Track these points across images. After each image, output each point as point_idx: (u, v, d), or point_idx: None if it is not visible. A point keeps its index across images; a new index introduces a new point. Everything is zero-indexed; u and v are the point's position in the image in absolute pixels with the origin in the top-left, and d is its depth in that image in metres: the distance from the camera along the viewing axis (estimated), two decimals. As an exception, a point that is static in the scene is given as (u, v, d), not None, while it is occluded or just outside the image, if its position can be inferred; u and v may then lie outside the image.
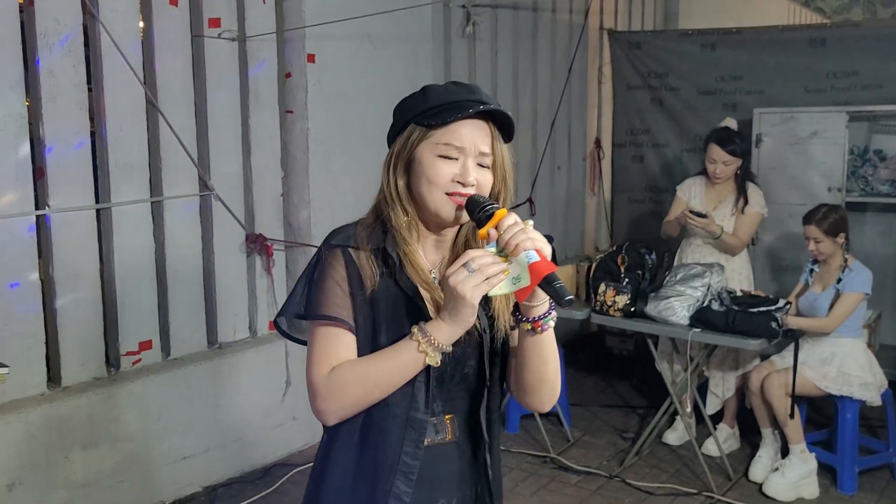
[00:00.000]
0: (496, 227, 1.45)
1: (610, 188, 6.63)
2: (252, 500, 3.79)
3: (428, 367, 1.50)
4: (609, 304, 4.05)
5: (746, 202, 4.38)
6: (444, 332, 1.45)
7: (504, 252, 1.43)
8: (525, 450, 4.36)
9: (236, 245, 4.11)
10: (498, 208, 1.48)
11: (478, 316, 1.55)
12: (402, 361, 1.47)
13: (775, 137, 5.23)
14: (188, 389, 3.81)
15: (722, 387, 4.38)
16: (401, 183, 1.56)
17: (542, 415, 4.45)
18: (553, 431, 4.52)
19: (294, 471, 4.03)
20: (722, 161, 4.33)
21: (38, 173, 3.38)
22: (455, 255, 1.61)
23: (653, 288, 4.07)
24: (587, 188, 6.55)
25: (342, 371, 1.49)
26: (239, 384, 4.01)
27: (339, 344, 1.51)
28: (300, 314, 1.55)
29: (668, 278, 4.05)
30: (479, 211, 1.49)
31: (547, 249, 1.43)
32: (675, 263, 4.51)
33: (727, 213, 4.41)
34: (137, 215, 3.70)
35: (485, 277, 1.40)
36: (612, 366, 5.62)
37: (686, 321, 3.88)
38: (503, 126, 1.58)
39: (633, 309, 4.02)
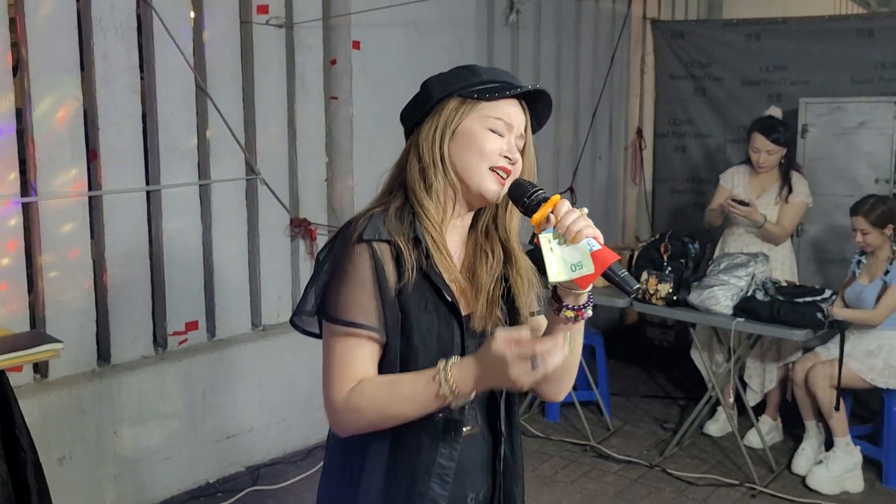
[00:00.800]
0: (553, 212, 1.43)
1: (651, 178, 6.58)
2: (293, 480, 3.85)
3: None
4: (651, 292, 4.03)
5: (790, 191, 4.34)
6: (470, 386, 1.37)
7: (563, 238, 1.41)
8: (565, 438, 4.36)
9: (281, 229, 4.16)
10: (548, 195, 1.47)
11: (500, 308, 1.55)
12: (423, 401, 1.39)
13: (821, 128, 5.16)
14: (232, 370, 3.87)
15: (761, 379, 4.34)
16: (446, 150, 1.50)
17: (582, 403, 4.45)
18: (593, 420, 4.51)
19: (335, 453, 4.08)
20: (766, 150, 4.29)
21: (92, 155, 3.45)
22: (474, 242, 1.57)
23: (696, 277, 4.05)
24: (628, 178, 6.51)
25: (361, 395, 1.41)
26: (281, 366, 4.07)
27: (359, 357, 1.44)
28: (324, 315, 1.47)
29: (711, 267, 4.03)
30: (528, 196, 1.47)
31: (601, 238, 1.42)
32: (717, 253, 4.48)
33: (771, 202, 4.36)
34: (185, 198, 3.76)
35: (543, 374, 1.32)
36: (652, 356, 5.59)
37: (729, 311, 3.85)
38: (539, 117, 1.60)
39: (675, 298, 4.00)
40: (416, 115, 1.55)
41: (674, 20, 6.61)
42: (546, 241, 1.42)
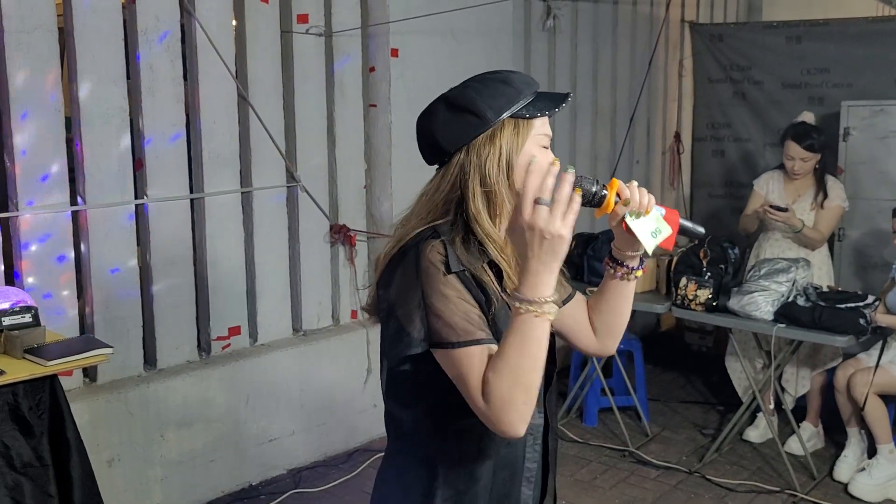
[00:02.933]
0: (619, 196, 1.51)
1: (689, 183, 6.53)
2: (335, 483, 3.89)
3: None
4: (690, 297, 4.01)
5: (826, 196, 4.29)
6: (545, 284, 1.34)
7: (638, 213, 1.52)
8: (603, 443, 4.36)
9: (321, 235, 4.22)
10: (603, 183, 1.53)
11: None
12: (530, 337, 1.34)
13: (864, 131, 5.08)
14: (274, 374, 3.93)
15: (795, 384, 4.30)
16: (516, 178, 1.46)
17: (620, 409, 4.44)
18: (631, 426, 4.50)
19: (375, 456, 4.12)
20: (800, 158, 4.24)
21: (137, 164, 3.54)
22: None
23: (735, 282, 4.02)
24: (666, 183, 6.48)
25: (492, 386, 1.35)
26: (322, 370, 4.12)
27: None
28: (443, 346, 1.40)
29: (751, 273, 4.00)
30: (594, 193, 1.49)
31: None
32: (752, 258, 4.45)
33: (806, 207, 4.32)
34: (228, 205, 3.83)
35: (566, 203, 1.32)
36: (690, 362, 5.55)
37: (770, 316, 3.82)
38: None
39: (715, 303, 3.98)
40: (467, 137, 1.48)
41: (712, 23, 6.55)
42: (631, 221, 1.53)
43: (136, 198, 3.51)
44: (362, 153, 4.36)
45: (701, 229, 1.60)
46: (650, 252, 1.56)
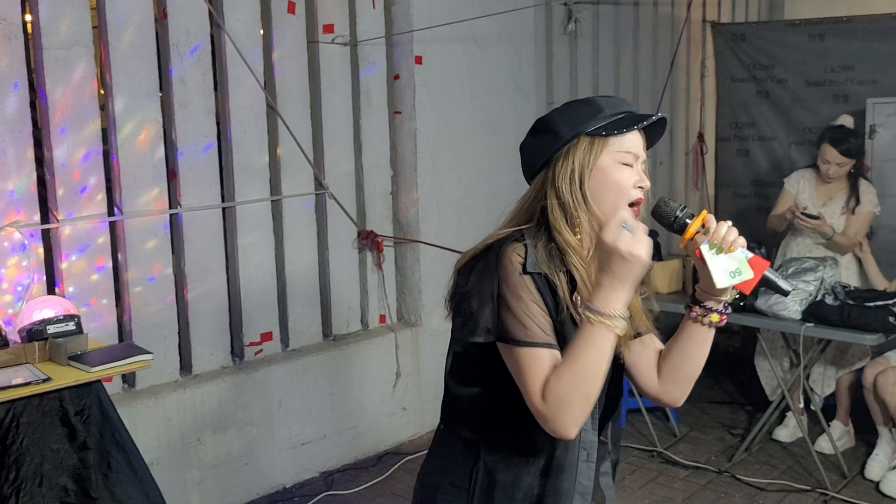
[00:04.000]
0: (704, 226, 1.54)
1: (713, 183, 6.54)
2: (366, 486, 3.95)
3: (603, 386, 1.52)
4: (717, 298, 4.02)
5: (858, 202, 4.26)
6: (619, 300, 1.44)
7: (720, 249, 1.53)
8: (632, 444, 4.38)
9: (349, 241, 4.29)
10: (693, 212, 1.57)
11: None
12: (597, 346, 1.44)
13: (890, 128, 5.07)
14: (306, 379, 4.00)
15: (821, 383, 4.29)
16: (587, 192, 1.55)
17: (648, 409, 4.46)
18: (659, 426, 4.52)
19: (405, 459, 4.18)
20: (836, 162, 4.21)
21: (171, 175, 3.62)
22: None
23: (763, 282, 4.02)
24: (690, 183, 6.48)
25: (553, 387, 1.45)
26: (352, 375, 4.19)
27: (547, 366, 1.49)
28: (510, 341, 1.49)
29: (778, 272, 4.00)
30: (676, 213, 1.56)
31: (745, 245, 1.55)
32: (780, 257, 4.45)
33: (837, 210, 4.30)
34: (259, 213, 3.91)
35: (644, 231, 1.45)
36: (717, 362, 5.52)
37: (798, 315, 3.83)
38: (650, 136, 1.65)
39: (742, 303, 3.99)
40: (545, 154, 1.59)
41: (734, 22, 6.56)
42: (706, 251, 1.54)
43: (170, 207, 3.59)
44: (388, 160, 4.42)
45: (789, 287, 1.57)
46: (718, 286, 1.53)
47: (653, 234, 1.61)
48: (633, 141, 1.57)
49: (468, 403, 1.61)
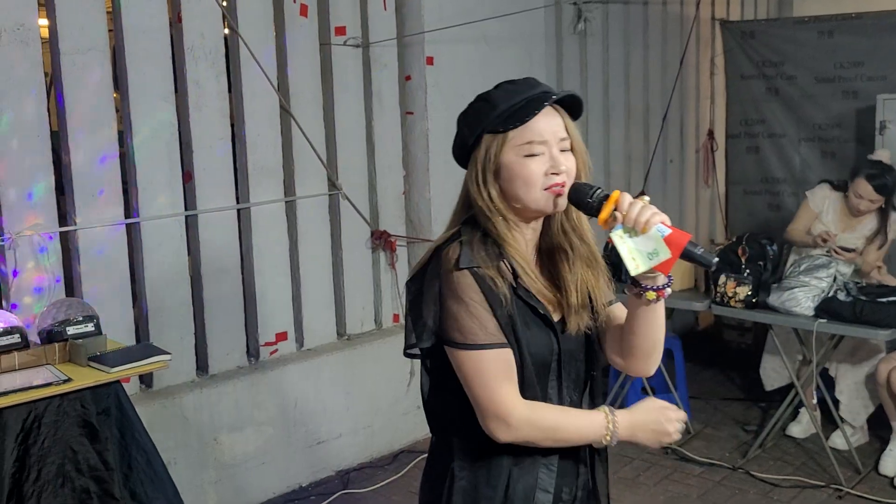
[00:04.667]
0: (616, 209, 1.47)
1: (724, 180, 6.53)
2: (382, 484, 3.98)
3: (560, 371, 1.59)
4: (730, 295, 4.04)
5: (886, 238, 4.17)
6: (626, 434, 1.60)
7: (633, 231, 1.45)
8: (645, 441, 4.39)
9: (362, 241, 4.31)
10: (606, 191, 1.49)
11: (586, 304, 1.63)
12: (586, 433, 1.58)
13: (901, 124, 5.07)
14: (321, 378, 4.03)
15: (836, 380, 4.29)
16: (493, 192, 1.55)
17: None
18: (672, 423, 4.52)
19: (420, 457, 4.19)
20: (869, 198, 4.13)
21: (187, 177, 3.65)
22: (550, 242, 1.62)
23: (775, 279, 4.04)
24: (700, 181, 6.49)
25: (537, 416, 1.54)
26: (367, 374, 4.21)
27: (509, 367, 1.53)
28: (453, 344, 1.53)
29: (791, 269, 4.02)
30: (589, 197, 1.51)
31: (668, 221, 1.47)
32: (793, 254, 4.44)
33: (860, 237, 4.22)
34: (273, 214, 3.94)
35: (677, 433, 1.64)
36: (730, 359, 5.55)
37: (811, 312, 3.83)
38: (570, 107, 1.59)
39: (754, 300, 4.00)
40: (462, 157, 1.63)
41: (743, 20, 6.56)
42: (618, 237, 1.46)
43: (185, 209, 3.62)
44: (400, 160, 4.45)
45: (712, 259, 1.47)
46: (632, 274, 1.47)
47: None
48: (538, 128, 1.53)
49: (442, 406, 1.65)
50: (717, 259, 1.46)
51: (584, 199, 1.51)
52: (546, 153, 1.53)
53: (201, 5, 3.57)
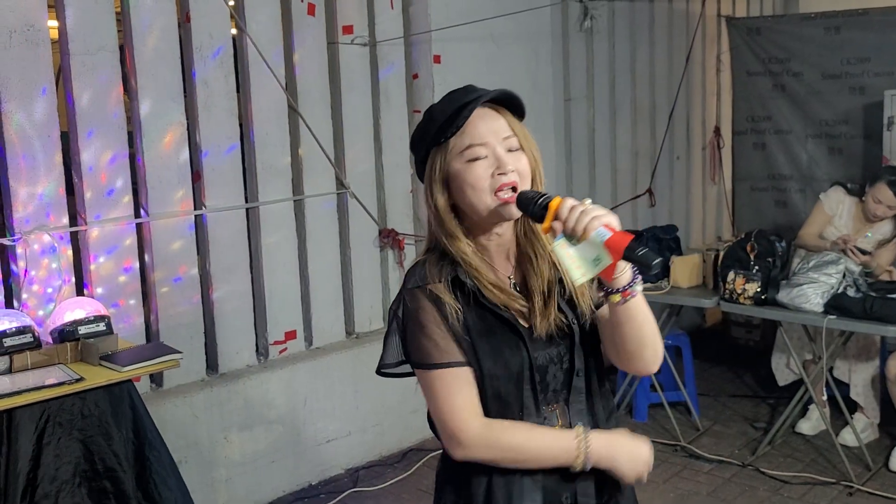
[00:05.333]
0: (556, 218, 1.42)
1: (731, 177, 6.53)
2: (391, 482, 3.98)
3: (533, 379, 1.54)
4: (738, 292, 4.03)
5: None
6: (600, 458, 1.53)
7: (574, 239, 1.40)
8: (655, 438, 4.39)
9: (370, 240, 4.32)
10: (550, 198, 1.44)
11: (562, 310, 1.57)
12: (555, 454, 1.53)
13: (909, 120, 5.06)
14: (330, 377, 4.04)
15: (847, 376, 4.28)
16: (441, 200, 1.54)
17: (670, 404, 4.47)
18: (681, 420, 4.53)
19: (429, 455, 4.20)
20: (888, 204, 4.14)
21: (196, 176, 3.66)
22: (522, 252, 1.59)
23: (784, 275, 4.04)
24: (707, 177, 6.48)
25: (495, 435, 1.52)
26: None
27: (465, 384, 1.52)
28: (413, 364, 1.56)
29: (800, 265, 4.01)
30: (532, 206, 1.46)
31: (615, 221, 1.41)
32: (801, 251, 4.43)
33: (873, 240, 4.22)
34: (281, 213, 3.95)
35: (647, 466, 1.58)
36: (738, 356, 5.55)
37: (820, 308, 3.83)
38: (513, 107, 1.57)
39: (763, 297, 3.99)
40: (420, 176, 1.62)
41: (749, 16, 6.55)
42: (560, 246, 1.41)
43: (195, 209, 3.63)
44: (408, 158, 4.45)
45: (655, 260, 1.36)
46: (579, 282, 1.42)
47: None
48: (476, 131, 1.51)
49: (429, 416, 1.65)
50: (658, 260, 1.36)
51: (530, 206, 1.46)
52: (490, 155, 1.51)
53: (209, 5, 3.58)
